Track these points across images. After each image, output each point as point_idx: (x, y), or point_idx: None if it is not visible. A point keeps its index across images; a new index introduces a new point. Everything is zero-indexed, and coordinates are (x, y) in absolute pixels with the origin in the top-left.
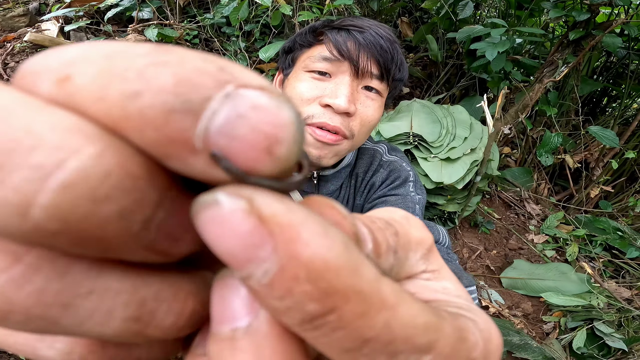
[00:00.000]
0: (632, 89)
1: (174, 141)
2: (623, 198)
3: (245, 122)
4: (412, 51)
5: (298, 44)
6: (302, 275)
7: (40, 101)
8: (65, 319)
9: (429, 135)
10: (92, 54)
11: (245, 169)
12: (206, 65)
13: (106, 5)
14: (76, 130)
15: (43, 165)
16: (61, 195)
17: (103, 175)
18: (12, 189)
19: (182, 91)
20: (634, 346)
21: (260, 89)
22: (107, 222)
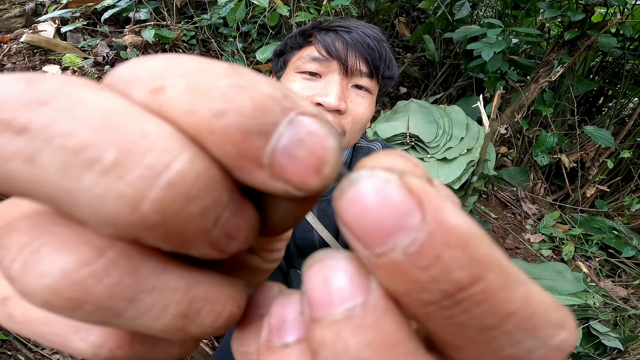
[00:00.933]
0: (628, 89)
1: (247, 156)
2: (619, 197)
3: (303, 146)
4: (409, 51)
5: (289, 46)
6: (452, 240)
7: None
8: (128, 311)
9: (426, 135)
10: (179, 69)
11: (298, 183)
12: (274, 91)
13: (103, 6)
14: (175, 137)
15: (154, 165)
16: (166, 192)
17: (195, 177)
18: (129, 184)
19: (257, 115)
20: (630, 345)
21: (314, 116)
22: (192, 218)
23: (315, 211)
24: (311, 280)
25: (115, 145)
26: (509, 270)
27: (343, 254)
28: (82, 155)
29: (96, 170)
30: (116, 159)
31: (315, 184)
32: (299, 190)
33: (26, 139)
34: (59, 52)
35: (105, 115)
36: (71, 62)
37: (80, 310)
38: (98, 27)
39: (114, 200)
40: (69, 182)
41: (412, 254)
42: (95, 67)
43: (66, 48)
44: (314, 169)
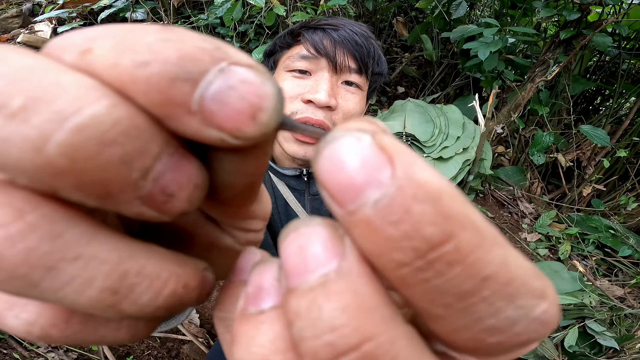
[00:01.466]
0: (624, 88)
1: (174, 103)
2: (615, 196)
3: (235, 93)
4: (407, 51)
5: (278, 46)
6: (421, 194)
7: (67, 66)
8: (46, 282)
9: (422, 134)
10: (110, 32)
11: (232, 130)
12: (205, 44)
13: (99, 7)
14: (95, 87)
15: (63, 110)
16: (74, 135)
17: (113, 123)
18: (33, 127)
19: (184, 63)
20: (626, 345)
21: (249, 66)
22: (109, 165)
23: (309, 209)
24: (286, 249)
25: (25, 93)
26: (484, 229)
27: (318, 221)
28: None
29: (2, 115)
30: (24, 104)
31: (251, 131)
32: (235, 138)
33: None
34: None
35: (22, 70)
36: None
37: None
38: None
39: (18, 142)
40: None
41: (382, 208)
42: None
43: None
44: (248, 115)
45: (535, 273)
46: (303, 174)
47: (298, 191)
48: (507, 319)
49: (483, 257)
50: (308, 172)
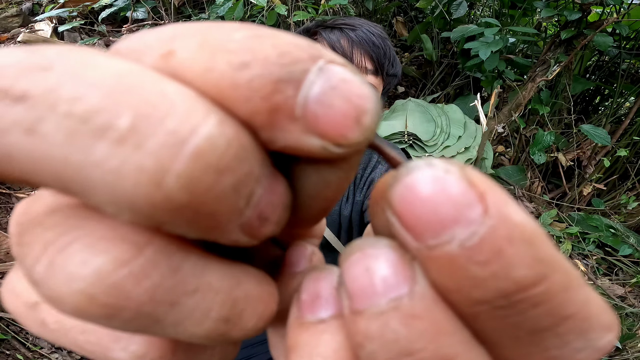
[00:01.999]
0: (624, 88)
1: (278, 109)
2: (615, 196)
3: (338, 93)
4: (407, 50)
5: None
6: (516, 236)
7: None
8: (169, 317)
9: (424, 134)
10: (189, 30)
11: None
12: (298, 40)
13: (100, 6)
14: (197, 99)
15: (178, 131)
16: (194, 163)
17: (226, 144)
18: (150, 153)
19: (285, 62)
20: (628, 343)
21: (344, 65)
22: (224, 195)
23: None
24: (351, 270)
25: (131, 109)
26: (571, 272)
27: (385, 242)
28: (92, 121)
29: (109, 139)
30: (133, 124)
31: (356, 137)
32: (337, 146)
33: (26, 107)
34: None
35: (117, 77)
36: None
37: (117, 318)
38: (95, 27)
39: (133, 174)
40: (77, 155)
41: (470, 247)
42: None
43: None
44: (353, 118)
45: (606, 307)
46: None
47: None
48: (574, 349)
49: (570, 297)
50: None
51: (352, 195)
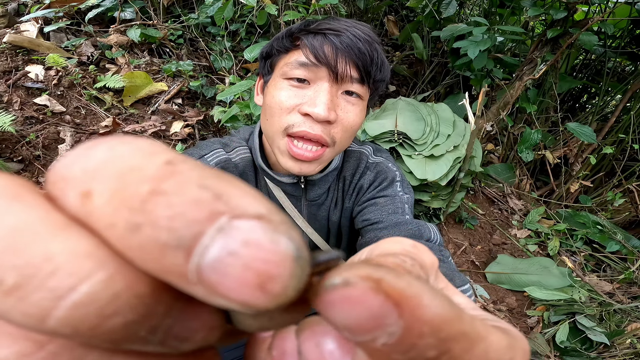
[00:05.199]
0: (610, 86)
1: (172, 273)
2: (602, 192)
3: (236, 260)
4: (398, 49)
5: (275, 49)
6: (426, 331)
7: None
8: None
9: (414, 133)
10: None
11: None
12: (202, 193)
13: (87, 6)
14: (90, 255)
15: (58, 288)
16: (72, 312)
17: (112, 297)
18: (32, 304)
19: (175, 227)
20: (616, 340)
21: (257, 218)
22: (113, 331)
23: (306, 215)
24: (305, 344)
25: (16, 270)
26: (471, 335)
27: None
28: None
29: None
30: (16, 282)
31: (264, 304)
32: (247, 309)
33: None
34: (42, 52)
35: (12, 235)
36: (54, 62)
37: None
38: (82, 27)
39: (18, 316)
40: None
41: (390, 344)
42: (80, 66)
43: (49, 48)
44: (255, 287)
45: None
46: (300, 180)
47: (295, 197)
48: None
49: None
50: (306, 179)
51: (342, 202)
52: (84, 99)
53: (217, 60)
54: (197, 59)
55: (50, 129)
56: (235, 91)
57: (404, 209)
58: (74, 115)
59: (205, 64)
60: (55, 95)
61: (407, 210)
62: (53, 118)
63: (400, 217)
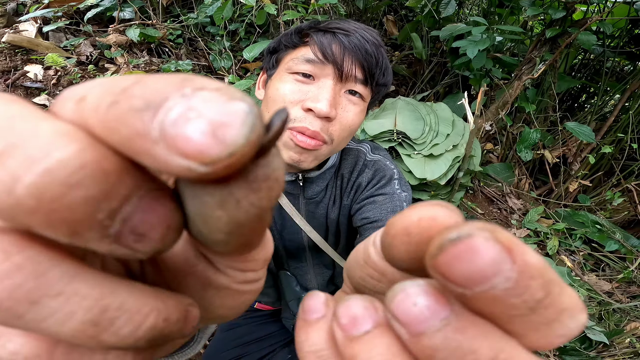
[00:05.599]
0: (609, 86)
1: (139, 134)
2: (601, 192)
3: (194, 113)
4: (397, 49)
5: (283, 44)
6: (535, 273)
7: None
8: (29, 314)
9: (413, 132)
10: (104, 83)
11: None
12: (173, 78)
13: (86, 6)
14: (67, 134)
15: (34, 155)
16: (41, 178)
17: (78, 166)
18: (6, 170)
19: (146, 95)
20: (615, 339)
21: (216, 90)
22: (74, 205)
23: (304, 213)
24: (401, 306)
25: (4, 140)
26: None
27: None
28: None
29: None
30: (2, 149)
31: (216, 152)
32: (202, 164)
33: None
34: (41, 51)
35: (7, 119)
36: (53, 61)
37: None
38: (81, 27)
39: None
40: None
41: (508, 288)
42: (79, 66)
43: (48, 48)
44: (209, 133)
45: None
46: (299, 178)
47: (293, 195)
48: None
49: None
50: (304, 177)
51: (340, 199)
52: None
53: (216, 60)
54: (196, 58)
55: None
56: None
57: (403, 207)
58: None
59: (204, 63)
60: (54, 95)
61: (405, 207)
62: None
63: None
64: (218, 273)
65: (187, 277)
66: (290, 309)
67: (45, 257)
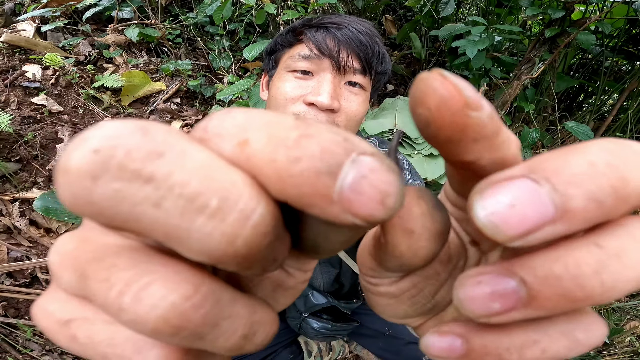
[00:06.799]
0: (607, 85)
1: (320, 194)
2: None
3: (367, 182)
4: (396, 49)
5: (279, 44)
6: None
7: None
8: (211, 334)
9: (413, 131)
10: (258, 121)
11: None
12: (336, 137)
13: (84, 5)
14: (254, 185)
15: (245, 210)
16: (253, 232)
17: (271, 219)
18: (228, 225)
19: (325, 157)
20: (615, 338)
21: (372, 155)
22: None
23: None
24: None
25: (217, 194)
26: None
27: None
28: (196, 202)
29: (206, 214)
30: (218, 205)
31: (381, 215)
32: (366, 222)
33: (153, 187)
34: (39, 51)
35: (205, 167)
36: (52, 61)
37: (179, 335)
38: (79, 26)
39: (218, 237)
40: (186, 224)
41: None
42: (77, 66)
43: (46, 47)
44: (378, 201)
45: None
46: None
47: None
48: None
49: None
50: None
51: None
52: (81, 99)
53: (216, 60)
54: (196, 58)
55: (48, 128)
56: (233, 90)
57: None
58: (71, 114)
59: (203, 63)
60: (53, 95)
61: None
62: (51, 118)
63: None
64: (288, 276)
65: (264, 281)
66: (297, 307)
67: (218, 285)
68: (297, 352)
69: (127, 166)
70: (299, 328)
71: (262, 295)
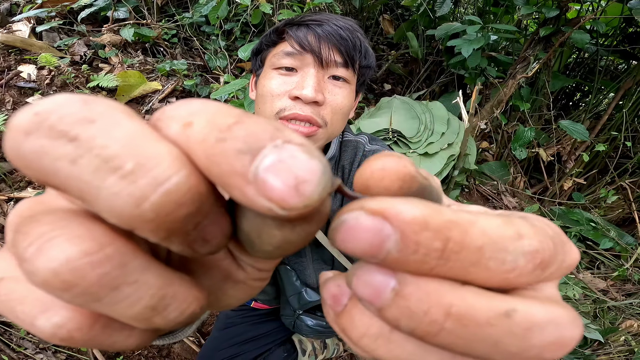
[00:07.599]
0: (603, 84)
1: (236, 172)
2: (595, 190)
3: (284, 165)
4: (393, 48)
5: (264, 44)
6: (416, 228)
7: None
8: (107, 298)
9: (408, 131)
10: (206, 110)
11: (279, 200)
12: (267, 126)
13: (79, 6)
14: (179, 159)
15: (159, 177)
16: (163, 198)
17: (187, 190)
18: (138, 187)
19: (249, 140)
20: (610, 337)
21: (300, 145)
22: (178, 219)
23: None
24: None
25: (134, 159)
26: (460, 220)
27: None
28: (110, 163)
29: (118, 175)
30: (133, 168)
31: (295, 203)
32: (282, 209)
33: (74, 146)
34: (35, 51)
35: (132, 137)
36: (47, 61)
37: (70, 292)
38: (75, 27)
39: (125, 197)
40: (97, 181)
41: (399, 249)
42: (72, 66)
43: (42, 47)
44: (293, 186)
45: (504, 222)
46: None
47: None
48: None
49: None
50: None
51: None
52: None
53: (212, 59)
54: (192, 58)
55: None
56: (229, 90)
57: None
58: None
59: (199, 63)
60: (48, 95)
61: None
62: None
63: None
64: (239, 269)
65: (213, 269)
66: (291, 304)
67: (128, 250)
68: (291, 350)
69: (55, 126)
70: (294, 326)
71: (210, 284)
